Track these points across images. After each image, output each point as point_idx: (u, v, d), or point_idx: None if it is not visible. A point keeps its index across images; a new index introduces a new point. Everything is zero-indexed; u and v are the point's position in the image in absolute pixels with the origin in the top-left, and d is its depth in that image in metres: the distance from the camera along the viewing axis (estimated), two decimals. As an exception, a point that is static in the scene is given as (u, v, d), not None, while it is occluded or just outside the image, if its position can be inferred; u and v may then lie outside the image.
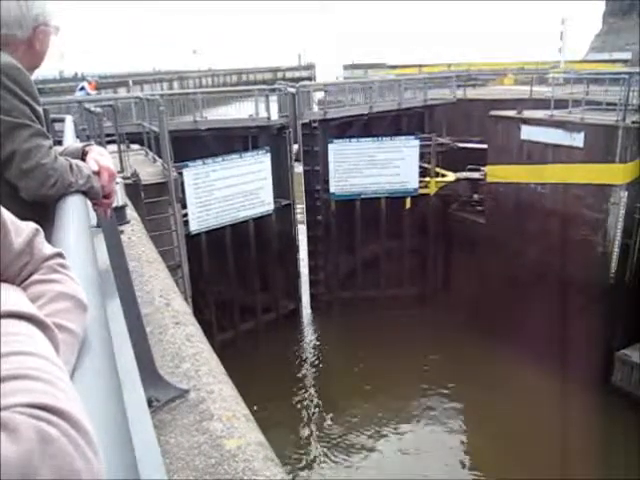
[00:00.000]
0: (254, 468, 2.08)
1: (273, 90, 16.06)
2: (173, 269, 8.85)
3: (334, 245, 16.99)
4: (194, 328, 3.20)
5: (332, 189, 16.62)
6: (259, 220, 15.08)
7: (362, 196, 16.78)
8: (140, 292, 3.32)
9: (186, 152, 13.97)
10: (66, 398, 0.48)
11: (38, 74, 1.74)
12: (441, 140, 17.68)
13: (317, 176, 16.44)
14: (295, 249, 16.42)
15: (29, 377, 0.48)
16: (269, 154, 14.88)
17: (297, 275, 16.71)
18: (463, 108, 19.99)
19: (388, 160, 16.57)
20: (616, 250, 12.71)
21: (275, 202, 15.34)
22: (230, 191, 14.23)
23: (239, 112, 17.34)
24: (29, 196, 1.57)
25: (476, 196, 17.52)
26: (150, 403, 2.32)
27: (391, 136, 16.89)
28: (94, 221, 2.07)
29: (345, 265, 17.40)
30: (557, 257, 13.57)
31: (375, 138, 16.67)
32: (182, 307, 3.48)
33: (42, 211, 1.53)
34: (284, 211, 15.75)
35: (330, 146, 16.24)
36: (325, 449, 11.82)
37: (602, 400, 12.12)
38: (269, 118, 15.06)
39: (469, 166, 17.71)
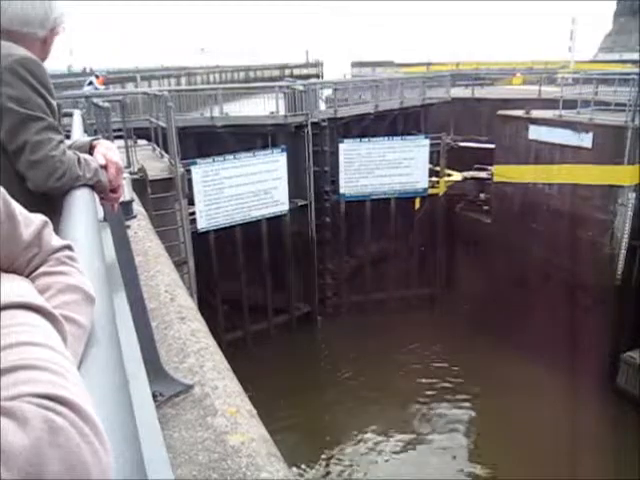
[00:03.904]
0: (257, 464, 2.08)
1: (288, 87, 15.81)
2: (179, 265, 8.86)
3: (342, 248, 16.72)
4: (199, 324, 3.21)
5: (342, 190, 16.29)
6: (273, 220, 14.81)
7: (372, 197, 16.53)
8: (146, 287, 3.33)
9: (203, 148, 13.95)
10: (74, 389, 0.48)
11: (47, 69, 1.79)
12: (447, 140, 17.60)
13: (326, 177, 16.05)
14: (312, 251, 16.00)
15: (38, 368, 0.48)
16: (285, 153, 14.59)
17: (313, 277, 16.27)
18: (471, 107, 19.95)
19: (398, 160, 16.37)
20: (623, 251, 12.64)
21: (291, 202, 15.05)
22: (241, 190, 14.03)
23: (248, 109, 17.22)
24: (37, 187, 1.59)
25: (482, 195, 17.47)
26: (154, 397, 2.32)
27: (393, 135, 16.73)
28: (101, 215, 2.07)
29: (354, 268, 17.19)
30: (563, 258, 13.53)
31: (385, 138, 16.48)
32: (187, 302, 3.49)
33: (50, 204, 1.54)
34: (300, 212, 15.44)
35: (341, 146, 15.96)
36: (330, 451, 11.80)
37: (607, 401, 12.09)
38: (286, 116, 14.79)
39: (476, 166, 17.66)
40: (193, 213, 12.77)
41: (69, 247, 0.85)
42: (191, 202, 12.52)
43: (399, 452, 11.72)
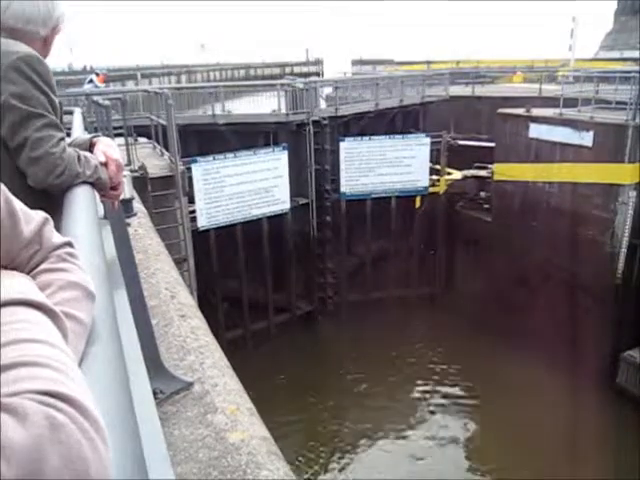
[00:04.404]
0: (257, 461, 2.09)
1: (290, 85, 15.69)
2: (179, 263, 8.86)
3: (343, 247, 16.61)
4: (199, 321, 3.22)
5: (343, 189, 16.18)
6: (274, 219, 14.74)
7: (373, 195, 16.44)
8: (146, 284, 3.33)
9: (204, 146, 13.88)
10: (75, 386, 0.48)
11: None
12: (447, 138, 17.55)
13: (326, 175, 15.91)
14: (313, 250, 15.92)
15: (39, 364, 0.48)
16: (286, 151, 14.49)
17: (314, 276, 16.17)
18: (471, 105, 19.94)
19: (399, 158, 16.29)
20: (623, 250, 12.63)
21: (292, 201, 14.96)
22: (242, 188, 13.96)
23: (249, 107, 17.18)
24: (37, 184, 1.60)
25: (483, 194, 17.47)
26: (155, 395, 2.32)
27: (392, 134, 16.65)
28: (102, 213, 2.08)
29: (354, 267, 17.09)
30: (564, 256, 13.52)
31: (386, 136, 16.41)
32: (187, 300, 3.49)
33: (51, 201, 1.55)
34: (302, 210, 15.36)
35: (342, 144, 15.86)
36: (332, 450, 11.78)
37: (607, 401, 12.08)
38: (288, 114, 14.69)
39: (476, 164, 17.65)
40: (194, 211, 12.75)
41: (70, 244, 0.85)
42: (192, 200, 12.51)
43: (400, 452, 11.68)
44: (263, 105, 16.47)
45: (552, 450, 10.66)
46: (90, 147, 1.78)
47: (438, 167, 17.12)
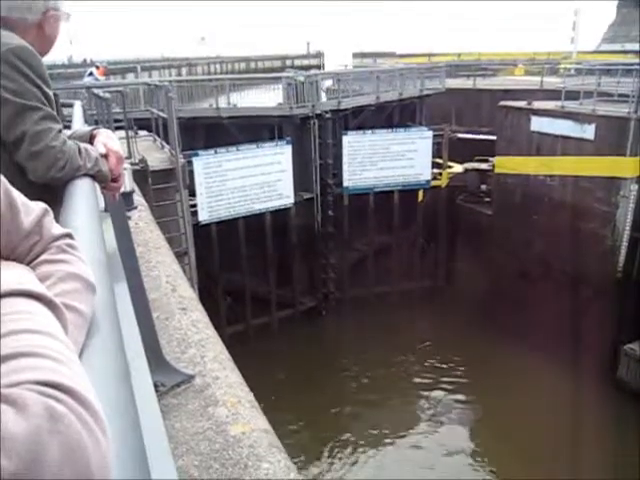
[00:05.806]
0: (258, 454, 2.09)
1: (294, 78, 15.65)
2: (180, 256, 8.84)
3: (345, 241, 16.55)
4: (200, 314, 3.21)
5: (345, 183, 16.10)
6: (278, 213, 14.64)
7: (375, 189, 16.38)
8: (147, 277, 3.33)
9: (209, 140, 13.82)
10: (75, 377, 0.48)
11: (47, 59, 1.75)
12: (449, 131, 17.49)
13: (328, 169, 15.72)
14: (317, 245, 15.87)
15: (38, 355, 0.48)
16: (290, 145, 14.38)
17: (318, 271, 16.12)
18: (472, 98, 19.88)
19: (402, 152, 16.21)
20: (625, 244, 12.63)
21: (296, 195, 14.87)
22: (244, 182, 13.87)
23: (251, 100, 17.08)
24: (37, 178, 1.58)
25: (484, 187, 17.44)
26: (156, 387, 2.33)
27: (390, 127, 16.57)
28: (102, 205, 2.07)
29: (356, 261, 17.05)
30: (565, 250, 13.51)
31: (389, 129, 16.34)
32: (188, 293, 3.49)
33: (51, 194, 1.53)
34: (306, 205, 15.28)
35: (344, 138, 15.75)
36: (331, 446, 11.79)
37: (607, 394, 12.10)
38: (291, 107, 14.56)
39: (477, 157, 17.62)
40: (195, 205, 12.70)
41: (70, 235, 0.84)
42: (193, 194, 12.47)
43: (400, 451, 11.67)
44: (263, 98, 16.39)
45: (554, 443, 10.68)
46: (90, 139, 1.77)
47: (439, 160, 17.07)
